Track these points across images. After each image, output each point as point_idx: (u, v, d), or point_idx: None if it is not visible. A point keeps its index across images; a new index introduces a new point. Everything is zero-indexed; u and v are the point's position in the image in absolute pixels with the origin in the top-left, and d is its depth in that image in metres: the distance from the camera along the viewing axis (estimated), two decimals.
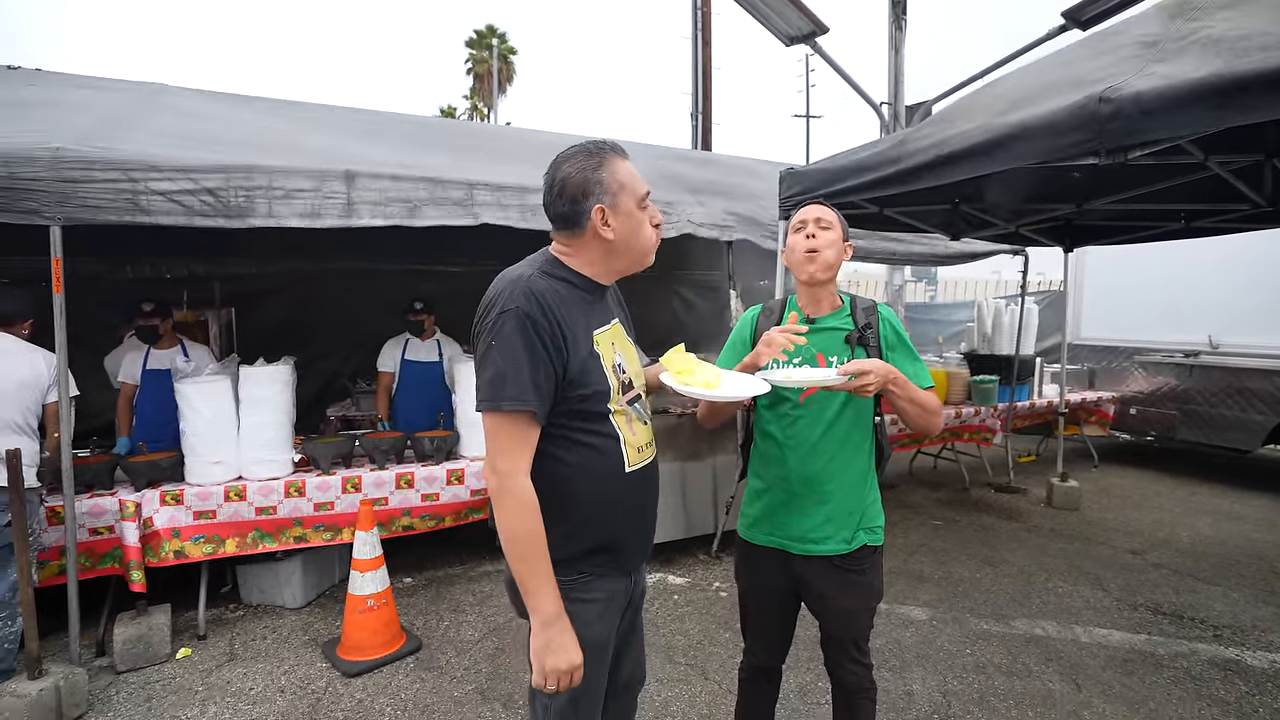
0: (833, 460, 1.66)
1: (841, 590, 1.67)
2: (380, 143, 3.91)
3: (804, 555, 1.68)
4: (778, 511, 1.70)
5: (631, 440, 1.39)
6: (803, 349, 1.67)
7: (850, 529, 1.66)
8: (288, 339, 4.62)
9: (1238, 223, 4.01)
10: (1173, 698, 2.64)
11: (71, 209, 2.55)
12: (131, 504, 2.92)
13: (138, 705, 2.61)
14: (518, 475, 1.25)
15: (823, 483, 1.65)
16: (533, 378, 1.23)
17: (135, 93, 3.85)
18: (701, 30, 9.94)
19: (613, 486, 1.36)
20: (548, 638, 1.25)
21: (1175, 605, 3.48)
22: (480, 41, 27.41)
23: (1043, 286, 10.03)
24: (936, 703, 2.60)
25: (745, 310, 1.92)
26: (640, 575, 1.53)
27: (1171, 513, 5.06)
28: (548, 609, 1.25)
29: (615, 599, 1.42)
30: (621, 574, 1.43)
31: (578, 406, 1.31)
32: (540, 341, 1.24)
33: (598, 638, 1.39)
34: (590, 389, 1.31)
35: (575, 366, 1.29)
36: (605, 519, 1.36)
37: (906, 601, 3.48)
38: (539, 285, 1.28)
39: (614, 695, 1.56)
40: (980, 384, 5.50)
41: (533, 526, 1.24)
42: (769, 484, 1.73)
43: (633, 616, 1.54)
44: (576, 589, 1.35)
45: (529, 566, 1.25)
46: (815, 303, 1.74)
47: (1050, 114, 2.23)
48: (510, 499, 1.24)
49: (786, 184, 3.54)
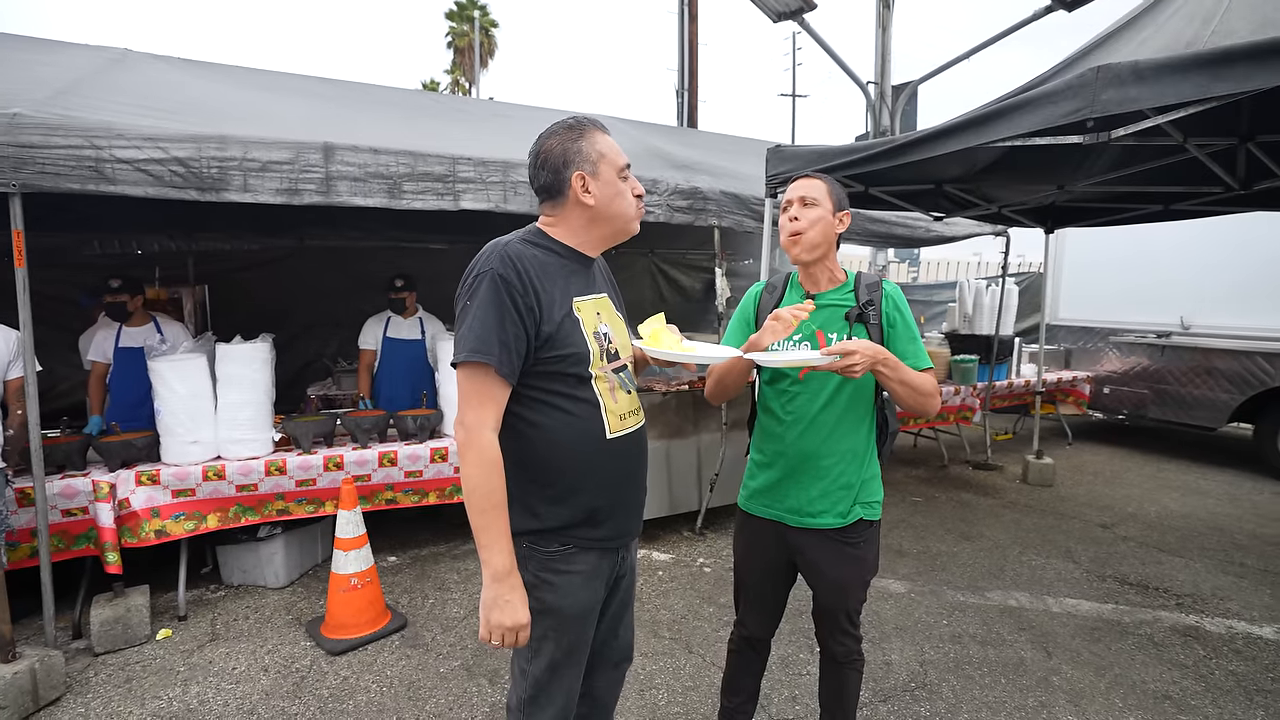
0: (830, 435, 1.67)
1: (836, 562, 1.70)
2: (360, 115, 3.81)
3: (800, 528, 1.71)
4: (777, 485, 1.73)
5: (613, 408, 1.40)
6: (804, 325, 1.67)
7: (847, 503, 1.69)
8: (265, 316, 4.53)
9: (1213, 205, 4.08)
10: (1136, 662, 2.75)
11: (28, 175, 2.43)
12: (106, 485, 2.86)
13: (117, 686, 2.58)
14: (483, 429, 1.28)
15: (820, 458, 1.67)
16: (499, 334, 1.27)
17: (98, 57, 3.69)
18: (688, 5, 9.77)
19: (593, 452, 1.37)
20: (496, 593, 1.28)
21: (1141, 576, 3.60)
22: (461, 14, 26.66)
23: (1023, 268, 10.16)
24: (914, 672, 2.68)
25: (748, 288, 1.92)
26: (629, 552, 1.54)
27: (1140, 488, 5.22)
28: (499, 564, 1.27)
29: (599, 572, 1.43)
30: (606, 550, 1.43)
31: (555, 368, 1.34)
32: (511, 301, 1.28)
33: (580, 608, 1.41)
34: (567, 350, 1.33)
35: (549, 327, 1.32)
36: (585, 485, 1.37)
37: (886, 575, 3.56)
38: (516, 249, 1.33)
39: (603, 670, 1.58)
40: (960, 363, 5.59)
41: (492, 482, 1.27)
42: (769, 458, 1.75)
43: (623, 594, 1.55)
44: (559, 560, 1.37)
45: (484, 519, 1.27)
46: (813, 280, 1.75)
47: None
48: (473, 452, 1.27)
49: (773, 162, 3.52)
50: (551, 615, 1.38)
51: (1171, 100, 2.04)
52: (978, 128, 2.57)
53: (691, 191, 3.92)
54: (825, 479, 1.68)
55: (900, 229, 5.18)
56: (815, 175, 1.76)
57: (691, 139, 5.87)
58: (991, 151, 3.68)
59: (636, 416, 1.47)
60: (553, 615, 1.38)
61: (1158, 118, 2.29)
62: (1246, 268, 5.68)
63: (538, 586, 1.37)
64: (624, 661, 1.63)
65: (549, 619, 1.38)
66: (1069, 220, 5.04)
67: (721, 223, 4.07)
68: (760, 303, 1.81)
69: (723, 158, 4.84)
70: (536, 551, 1.37)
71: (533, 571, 1.37)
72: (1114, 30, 2.91)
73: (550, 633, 1.39)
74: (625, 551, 1.52)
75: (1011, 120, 2.43)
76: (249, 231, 4.96)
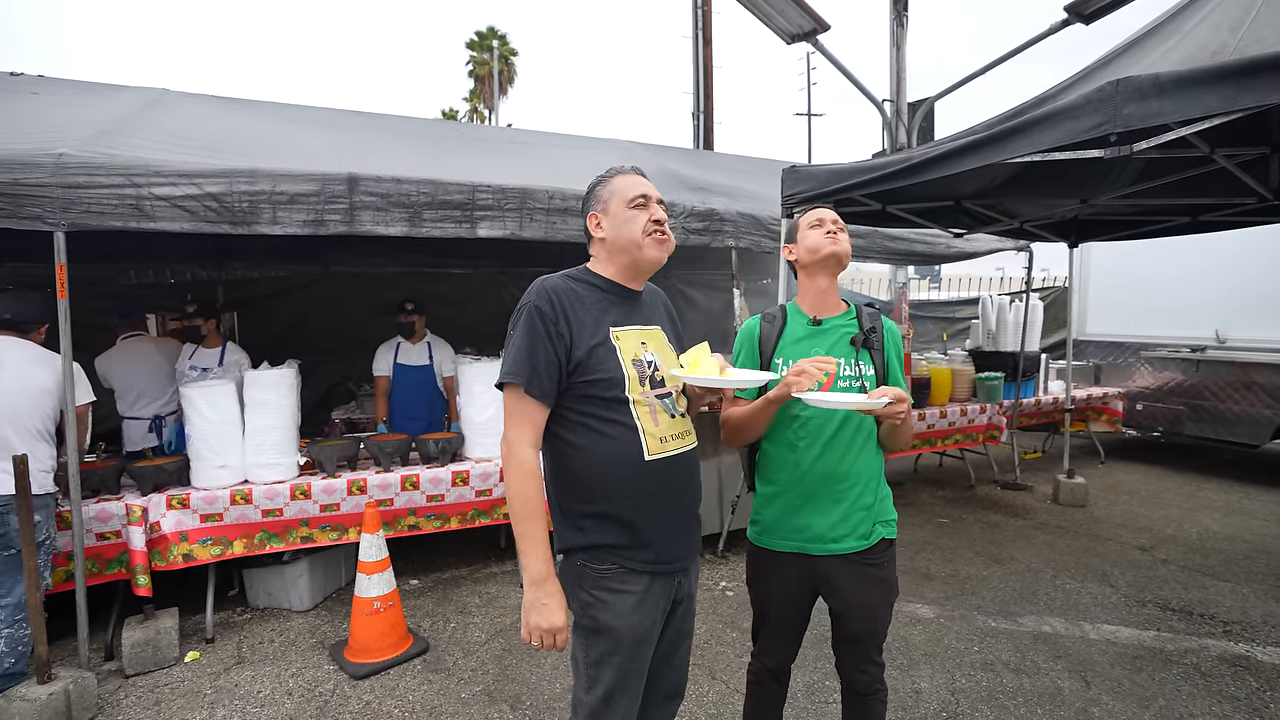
0: (847, 455, 1.66)
1: (864, 587, 1.67)
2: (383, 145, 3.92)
3: (825, 555, 1.67)
4: (794, 514, 1.69)
5: (653, 430, 1.43)
6: (810, 350, 1.69)
7: (868, 524, 1.67)
8: (291, 342, 4.64)
9: (1244, 216, 3.98)
10: (1182, 694, 2.63)
11: (75, 215, 2.56)
12: (138, 508, 2.93)
13: (146, 709, 2.61)
14: (521, 444, 1.40)
15: (839, 480, 1.66)
16: (530, 359, 1.39)
17: (138, 98, 3.87)
18: (702, 29, 9.92)
19: (632, 473, 1.41)
20: (534, 597, 1.37)
21: (1184, 601, 3.46)
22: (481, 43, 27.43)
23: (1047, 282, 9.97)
24: (945, 700, 2.59)
25: (749, 315, 1.92)
26: (687, 579, 1.54)
27: (1179, 508, 5.03)
28: (536, 569, 1.37)
29: (653, 596, 1.44)
30: (656, 572, 1.44)
31: (591, 391, 1.42)
32: (545, 329, 1.40)
33: (633, 631, 1.41)
34: (601, 375, 1.42)
35: (580, 353, 1.41)
36: (624, 504, 1.41)
37: (913, 600, 3.47)
38: (554, 284, 1.47)
39: (656, 703, 1.57)
40: (985, 381, 5.48)
41: (529, 493, 1.38)
42: (781, 487, 1.71)
43: (679, 623, 1.55)
44: (609, 579, 1.42)
45: (523, 527, 1.38)
46: (823, 304, 1.75)
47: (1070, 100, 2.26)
48: (513, 464, 1.40)
49: (789, 182, 3.53)
50: (606, 636, 1.41)
51: (1196, 113, 2.00)
52: (996, 144, 2.54)
53: (708, 213, 3.95)
54: (845, 501, 1.66)
55: (920, 246, 5.14)
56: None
57: (708, 161, 5.92)
58: (1010, 166, 3.65)
59: (682, 440, 1.49)
60: (607, 636, 1.41)
61: (1182, 129, 2.25)
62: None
63: (592, 605, 1.42)
64: (675, 696, 1.62)
65: (604, 640, 1.41)
66: (1093, 234, 4.95)
67: (739, 244, 4.08)
68: (762, 333, 1.78)
69: (739, 179, 4.87)
70: (590, 570, 1.43)
71: (587, 590, 1.43)
72: (1138, 37, 2.86)
73: (607, 657, 1.41)
74: (683, 578, 1.52)
75: (1031, 136, 2.40)
76: (275, 259, 5.11)
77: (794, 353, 1.70)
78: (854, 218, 4.16)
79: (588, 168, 4.27)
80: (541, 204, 3.43)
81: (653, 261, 1.50)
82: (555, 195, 3.46)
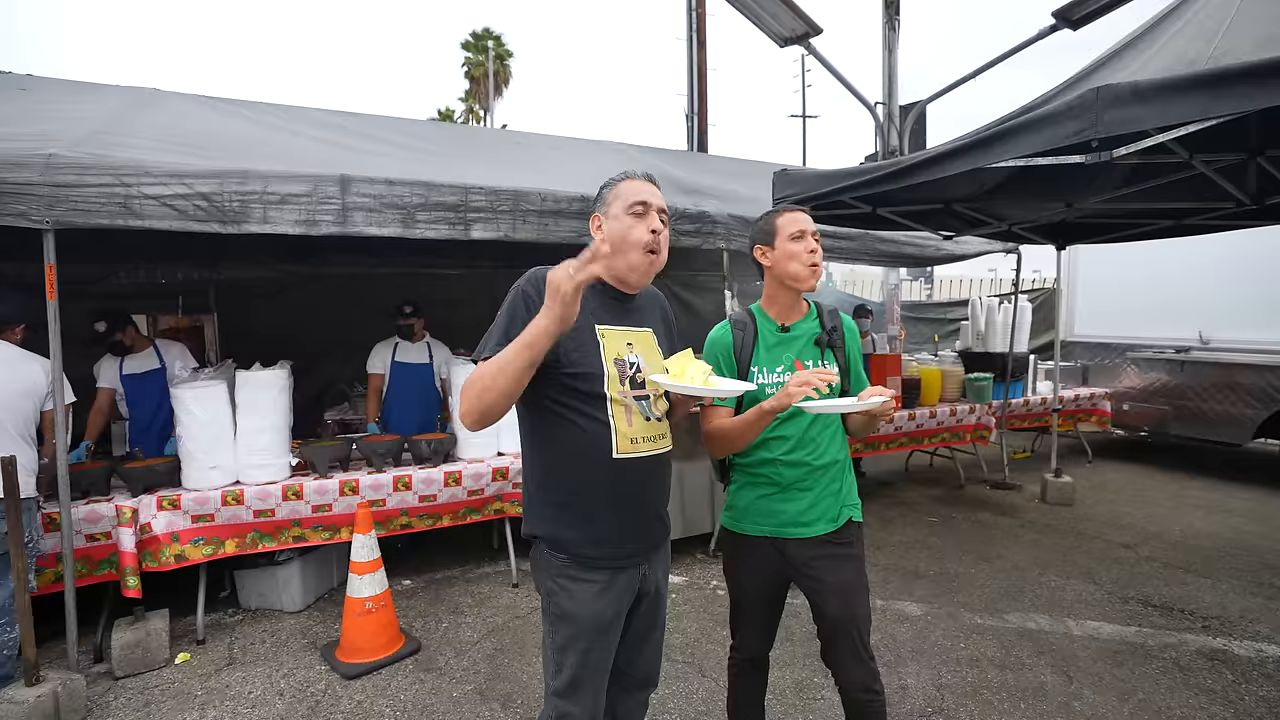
0: (817, 449, 1.72)
1: (835, 566, 1.71)
2: (376, 146, 3.92)
3: (796, 539, 1.72)
4: (767, 501, 1.74)
5: (625, 430, 1.45)
6: (783, 355, 1.75)
7: (836, 508, 1.74)
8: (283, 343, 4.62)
9: (1225, 220, 4.06)
10: (1161, 687, 2.68)
11: (62, 212, 2.55)
12: (128, 509, 2.92)
13: (136, 710, 2.61)
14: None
15: (811, 470, 1.72)
16: (505, 335, 1.37)
17: (128, 97, 3.85)
18: (696, 32, 9.96)
19: (597, 468, 1.43)
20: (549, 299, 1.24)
21: (1165, 597, 3.52)
22: (476, 44, 27.39)
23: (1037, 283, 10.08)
24: (931, 696, 2.63)
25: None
26: (652, 571, 1.55)
27: (1164, 507, 5.10)
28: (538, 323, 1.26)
29: (614, 587, 1.47)
30: (609, 567, 1.46)
31: (569, 383, 1.43)
32: (526, 312, 1.37)
33: (595, 619, 1.45)
34: (578, 369, 1.42)
35: (561, 343, 1.36)
36: (588, 498, 1.44)
37: (902, 597, 3.51)
38: (545, 272, 1.40)
39: (627, 691, 1.60)
40: (975, 382, 5.54)
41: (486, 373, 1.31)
42: (756, 479, 1.76)
43: (645, 615, 1.58)
44: (573, 567, 1.45)
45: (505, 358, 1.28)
46: (790, 310, 1.80)
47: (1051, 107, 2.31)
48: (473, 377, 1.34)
49: (779, 185, 3.57)
50: (569, 622, 1.44)
51: (1173, 120, 2.06)
52: (982, 149, 2.60)
53: (699, 216, 3.98)
54: (815, 488, 1.73)
55: (910, 248, 5.19)
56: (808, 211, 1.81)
57: (700, 163, 5.95)
58: (999, 171, 3.70)
59: (654, 443, 1.50)
60: (570, 622, 1.44)
61: (1161, 135, 2.30)
62: (1269, 281, 5.60)
63: (556, 593, 1.45)
64: (645, 687, 1.64)
65: (567, 626, 1.44)
66: (1080, 237, 5.02)
67: (730, 245, 4.11)
68: (736, 342, 1.77)
69: (732, 181, 4.90)
70: (554, 559, 1.46)
71: (552, 577, 1.46)
72: (1118, 49, 2.93)
73: (571, 643, 1.44)
74: (648, 570, 1.53)
75: (1016, 142, 2.46)
76: (268, 259, 5.09)
77: (767, 360, 1.75)
78: (845, 220, 4.21)
79: (581, 170, 4.32)
80: (534, 206, 3.45)
81: (631, 269, 1.48)
82: (548, 197, 3.48)
